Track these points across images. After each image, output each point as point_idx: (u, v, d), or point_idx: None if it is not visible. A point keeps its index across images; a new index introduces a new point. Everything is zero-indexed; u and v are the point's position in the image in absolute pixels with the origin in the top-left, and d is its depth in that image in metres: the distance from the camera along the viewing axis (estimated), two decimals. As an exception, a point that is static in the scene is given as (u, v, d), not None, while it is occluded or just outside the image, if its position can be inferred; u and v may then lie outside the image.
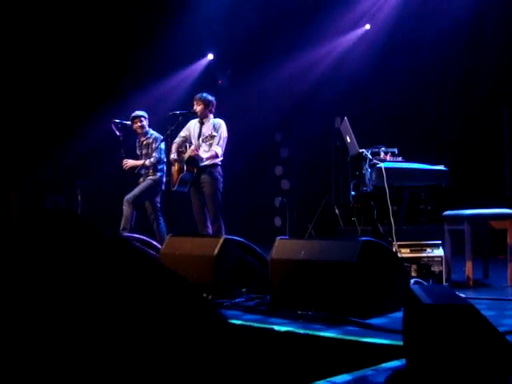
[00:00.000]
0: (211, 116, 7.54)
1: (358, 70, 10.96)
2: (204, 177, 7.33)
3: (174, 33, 10.93)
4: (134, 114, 8.24)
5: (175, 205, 8.30)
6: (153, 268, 1.73)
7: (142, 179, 8.17)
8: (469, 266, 5.65)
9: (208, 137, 7.26)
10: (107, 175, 10.49)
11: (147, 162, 8.08)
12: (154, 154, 8.06)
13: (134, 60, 11.32)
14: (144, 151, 8.22)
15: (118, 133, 8.23)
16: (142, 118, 8.21)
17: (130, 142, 8.47)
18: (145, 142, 8.22)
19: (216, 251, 5.02)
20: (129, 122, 8.26)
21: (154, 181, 8.07)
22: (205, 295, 4.78)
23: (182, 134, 7.64)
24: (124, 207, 7.85)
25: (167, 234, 7.59)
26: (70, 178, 10.78)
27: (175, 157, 7.50)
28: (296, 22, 11.31)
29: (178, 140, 7.63)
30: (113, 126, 8.22)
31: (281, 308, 4.49)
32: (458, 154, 9.50)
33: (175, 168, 7.54)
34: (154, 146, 8.11)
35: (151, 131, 8.26)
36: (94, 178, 10.74)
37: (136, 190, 7.99)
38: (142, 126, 8.20)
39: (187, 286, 1.68)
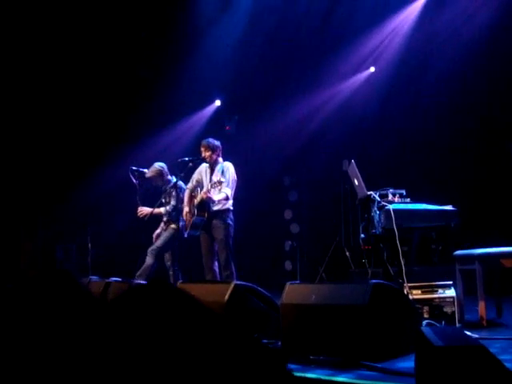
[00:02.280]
0: (220, 160, 7.59)
1: (364, 112, 11.04)
2: (215, 222, 7.36)
3: (181, 80, 11.08)
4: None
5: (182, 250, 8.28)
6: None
7: (163, 226, 8.08)
8: (481, 305, 5.60)
9: (216, 183, 7.29)
10: (118, 223, 10.54)
11: (162, 210, 8.08)
12: (171, 202, 8.03)
13: (143, 108, 11.46)
14: (167, 199, 8.17)
15: (134, 180, 8.20)
16: (160, 173, 8.17)
17: (146, 189, 8.45)
18: (168, 190, 8.16)
19: (226, 297, 5.00)
20: (146, 170, 8.25)
21: (176, 230, 7.99)
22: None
23: (195, 178, 7.69)
24: (147, 258, 7.74)
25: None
26: (81, 226, 10.82)
27: (187, 209, 7.53)
28: (301, 67, 11.43)
29: (190, 185, 7.68)
30: (130, 174, 8.21)
31: (292, 353, 4.46)
32: (467, 192, 9.48)
33: (188, 213, 7.56)
34: (173, 193, 8.05)
35: (174, 179, 8.16)
36: (105, 225, 10.78)
37: (160, 242, 7.87)
38: (162, 180, 8.17)
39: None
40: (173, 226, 7.99)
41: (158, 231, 8.18)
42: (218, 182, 7.29)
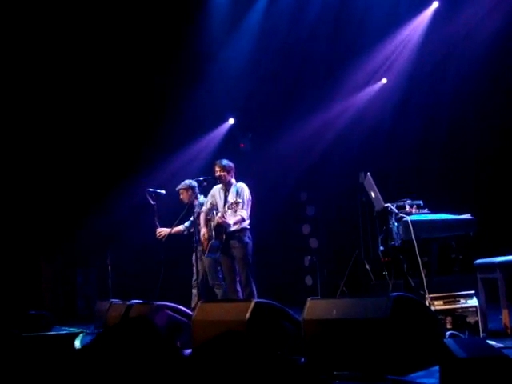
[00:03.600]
0: (234, 181, 7.59)
1: (378, 123, 11.02)
2: (233, 242, 7.36)
3: (195, 100, 11.13)
4: (177, 188, 8.19)
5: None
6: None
7: (198, 253, 7.88)
8: (505, 314, 5.57)
9: (233, 204, 7.25)
10: (137, 244, 10.57)
11: (181, 227, 8.08)
12: (191, 218, 8.02)
13: (158, 130, 11.51)
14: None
15: (152, 202, 8.23)
16: (186, 188, 8.12)
17: (164, 211, 8.46)
18: (194, 208, 8.14)
19: (248, 316, 4.99)
20: (163, 191, 8.27)
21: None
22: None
23: (209, 201, 7.68)
24: (218, 292, 7.75)
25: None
26: (101, 250, 10.87)
27: (204, 230, 7.51)
28: (313, 81, 11.44)
29: (204, 209, 7.67)
30: (147, 195, 8.24)
31: (317, 369, 4.44)
32: (486, 201, 9.44)
33: (204, 236, 7.55)
34: (195, 209, 8.01)
35: (201, 198, 8.14)
36: (124, 248, 10.81)
37: (210, 273, 7.82)
38: (189, 196, 8.11)
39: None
40: (200, 248, 7.89)
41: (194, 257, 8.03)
42: (235, 203, 7.25)
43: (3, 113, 10.68)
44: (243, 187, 7.51)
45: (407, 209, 6.07)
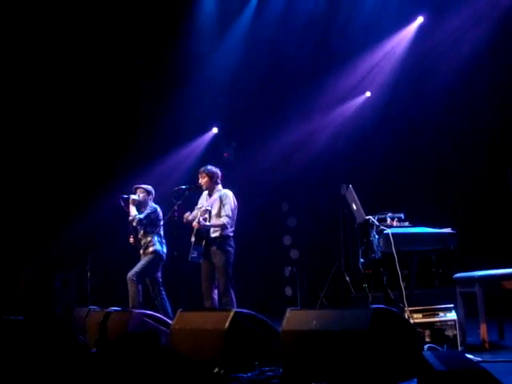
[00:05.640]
0: (218, 187, 7.55)
1: (361, 136, 11.06)
2: (214, 249, 7.30)
3: (178, 108, 11.12)
4: (138, 185, 8.30)
5: (181, 278, 8.27)
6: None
7: (141, 251, 8.09)
8: (483, 328, 5.58)
9: (203, 213, 7.25)
10: (116, 250, 10.51)
11: (130, 218, 8.06)
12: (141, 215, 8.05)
13: (140, 136, 11.49)
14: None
15: (126, 208, 8.23)
16: (145, 191, 8.21)
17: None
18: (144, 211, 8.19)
19: (227, 325, 4.97)
20: (136, 197, 8.25)
21: (154, 254, 7.99)
22: (216, 370, 4.72)
23: (199, 205, 7.65)
24: (129, 286, 7.79)
25: (170, 308, 7.60)
26: (79, 255, 10.80)
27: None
28: (298, 92, 11.49)
29: (194, 212, 7.61)
30: (121, 202, 8.21)
31: (294, 380, 4.42)
32: (467, 215, 9.48)
33: (192, 240, 7.54)
34: (148, 210, 8.09)
35: (152, 204, 8.24)
36: (104, 253, 10.75)
37: (137, 267, 7.90)
38: (142, 197, 8.18)
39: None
40: (150, 248, 7.97)
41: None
42: (203, 214, 7.24)
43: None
44: (228, 194, 7.44)
45: (388, 221, 6.08)
